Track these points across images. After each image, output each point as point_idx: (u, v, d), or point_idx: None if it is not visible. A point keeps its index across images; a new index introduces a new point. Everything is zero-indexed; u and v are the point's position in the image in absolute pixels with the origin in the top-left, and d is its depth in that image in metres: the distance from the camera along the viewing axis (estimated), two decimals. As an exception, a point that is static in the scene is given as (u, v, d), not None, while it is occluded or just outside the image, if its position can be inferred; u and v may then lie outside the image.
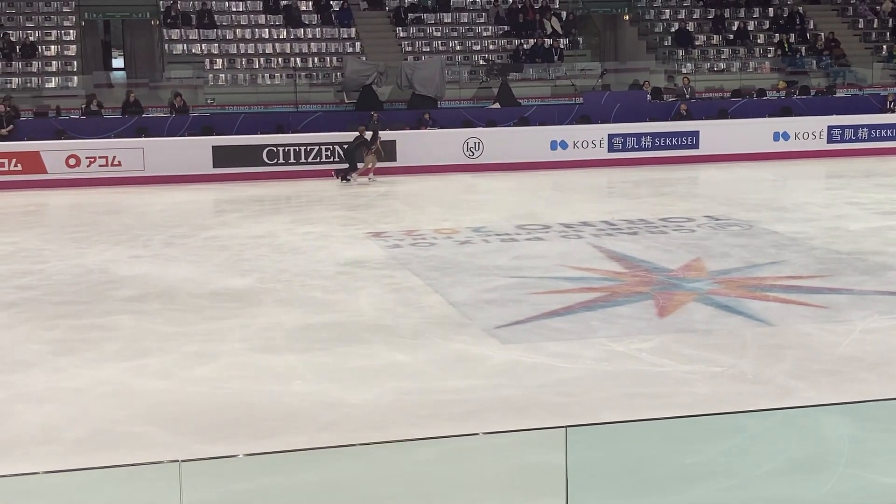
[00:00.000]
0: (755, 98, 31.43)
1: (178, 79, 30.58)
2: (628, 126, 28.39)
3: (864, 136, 29.31)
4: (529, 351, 12.29)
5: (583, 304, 14.24)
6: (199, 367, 11.90)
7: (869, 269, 15.95)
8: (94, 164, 25.38)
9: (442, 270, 16.23)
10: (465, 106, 30.54)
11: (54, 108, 28.41)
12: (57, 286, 15.58)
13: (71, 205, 23.40)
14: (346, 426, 10.12)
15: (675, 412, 9.91)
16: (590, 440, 7.37)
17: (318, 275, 16.08)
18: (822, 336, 12.71)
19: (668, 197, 23.07)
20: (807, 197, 23.00)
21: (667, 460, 7.59)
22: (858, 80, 33.87)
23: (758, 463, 7.65)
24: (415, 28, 33.19)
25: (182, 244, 18.52)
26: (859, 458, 7.82)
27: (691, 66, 33.51)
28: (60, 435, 10.05)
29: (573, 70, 32.83)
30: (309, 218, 20.64)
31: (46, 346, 12.69)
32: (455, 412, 10.48)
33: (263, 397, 10.94)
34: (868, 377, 11.35)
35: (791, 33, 34.96)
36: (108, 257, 17.47)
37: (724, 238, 18.43)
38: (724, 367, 11.68)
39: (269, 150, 26.18)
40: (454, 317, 13.72)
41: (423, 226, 19.89)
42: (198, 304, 14.51)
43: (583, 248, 17.80)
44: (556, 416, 10.09)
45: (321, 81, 31.12)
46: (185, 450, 9.39)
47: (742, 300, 14.29)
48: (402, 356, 12.21)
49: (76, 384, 11.42)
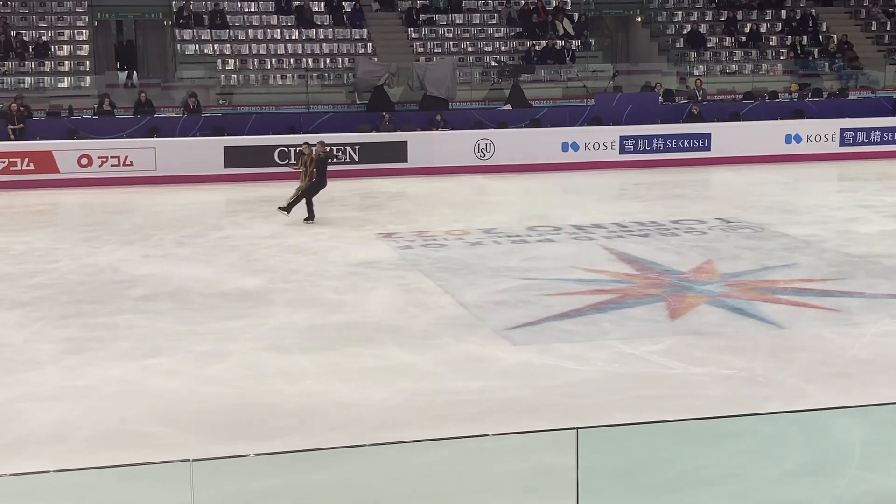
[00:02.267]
0: (767, 100, 31.36)
1: (190, 79, 30.63)
2: (640, 128, 28.36)
3: (877, 138, 29.22)
4: (540, 352, 12.28)
5: (594, 305, 14.22)
6: (210, 367, 11.92)
7: (881, 272, 15.90)
8: (106, 163, 25.43)
9: (453, 271, 16.23)
10: (476, 107, 30.53)
11: (66, 107, 28.48)
12: (69, 285, 15.61)
13: (83, 204, 23.45)
14: (357, 426, 10.12)
15: (686, 414, 9.89)
16: (601, 442, 7.37)
17: (328, 275, 16.09)
18: (833, 339, 12.68)
19: (680, 199, 23.04)
20: (819, 200, 22.94)
21: (678, 463, 7.57)
22: (871, 82, 33.76)
23: (769, 466, 7.64)
24: (427, 29, 33.19)
25: (193, 244, 18.55)
26: (871, 462, 7.80)
27: (703, 68, 33.44)
28: (72, 434, 10.07)
29: (585, 72, 32.80)
30: (320, 218, 20.64)
31: (58, 346, 12.72)
32: (466, 413, 10.48)
33: (274, 397, 10.95)
34: (880, 380, 11.32)
35: (804, 35, 34.88)
36: (119, 257, 17.50)
37: (736, 240, 18.39)
38: (735, 369, 11.65)
39: (281, 151, 26.20)
40: (465, 318, 13.72)
41: (434, 227, 19.88)
42: (209, 304, 14.53)
43: (594, 249, 17.77)
44: (567, 418, 10.08)
45: (333, 82, 31.15)
46: (196, 449, 9.39)
47: (754, 303, 14.26)
48: (412, 357, 12.21)
49: (87, 383, 11.45)
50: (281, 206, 20.48)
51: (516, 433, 8.47)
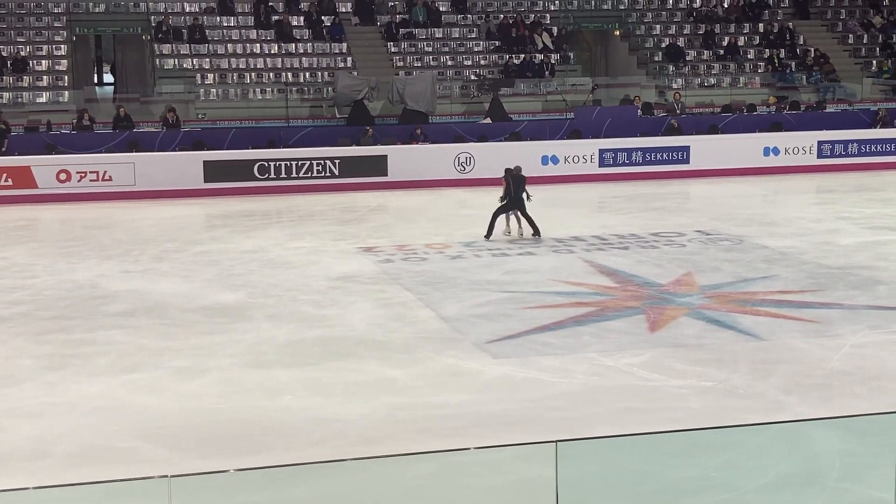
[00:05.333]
0: (745, 113, 31.51)
1: (169, 94, 30.56)
2: (619, 141, 28.47)
3: (854, 151, 29.41)
4: (521, 366, 12.29)
5: (574, 318, 14.25)
6: (189, 382, 11.88)
7: (859, 284, 15.99)
8: (85, 178, 25.35)
9: (433, 285, 16.23)
10: (456, 121, 30.57)
11: (45, 122, 28.36)
12: (48, 301, 15.54)
13: (62, 219, 23.36)
14: (338, 441, 10.11)
15: (666, 427, 9.91)
16: (581, 455, 7.38)
17: (309, 289, 16.07)
18: (812, 351, 12.74)
19: (659, 212, 23.11)
20: (797, 212, 23.05)
21: (658, 475, 7.59)
22: (848, 95, 33.98)
23: (750, 477, 7.66)
24: (406, 43, 33.23)
25: (173, 259, 18.49)
26: (851, 473, 7.83)
27: (682, 82, 33.58)
28: (51, 450, 10.02)
29: (564, 85, 32.88)
30: (300, 233, 20.63)
31: (37, 362, 12.66)
32: (447, 427, 10.47)
33: (254, 412, 10.92)
34: (859, 392, 11.38)
35: (781, 49, 35.09)
36: (98, 272, 17.44)
37: (715, 253, 18.46)
38: (715, 381, 11.69)
39: (261, 165, 26.18)
40: (446, 331, 13.72)
41: (415, 240, 19.89)
42: (188, 319, 14.49)
43: (574, 262, 17.81)
44: (548, 431, 10.08)
45: (312, 96, 31.13)
46: (176, 465, 9.37)
47: (733, 315, 14.31)
48: (393, 371, 12.20)
49: (67, 399, 11.40)
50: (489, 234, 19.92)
51: (497, 446, 8.47)
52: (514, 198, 19.70)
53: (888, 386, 11.54)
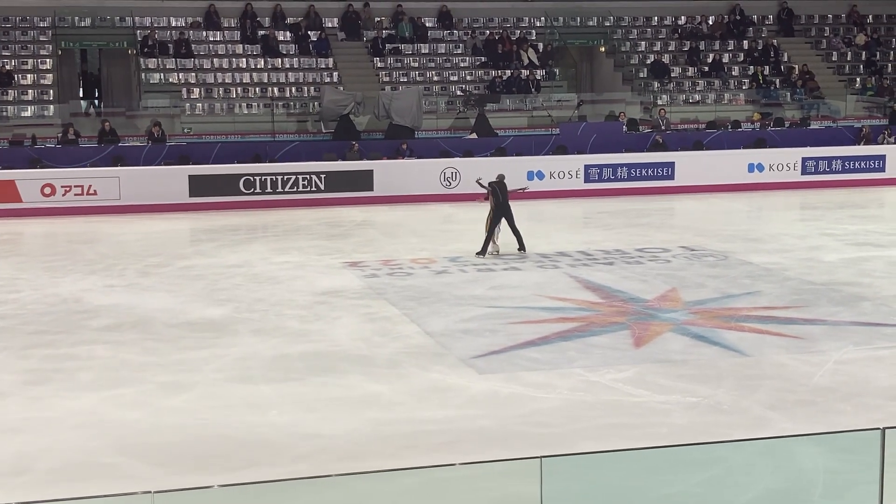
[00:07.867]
0: (730, 130, 31.64)
1: (154, 108, 30.53)
2: (604, 157, 28.54)
3: (838, 167, 29.55)
4: (506, 381, 12.28)
5: (559, 333, 14.26)
6: (173, 398, 11.84)
7: (843, 300, 16.04)
8: (70, 192, 25.29)
9: (419, 300, 16.23)
10: (442, 136, 30.62)
11: (30, 136, 28.30)
12: (31, 316, 15.48)
13: (46, 234, 23.28)
14: (322, 457, 10.08)
15: (651, 442, 9.91)
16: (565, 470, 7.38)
17: (294, 304, 16.05)
18: (797, 367, 12.77)
19: (644, 227, 23.16)
20: (781, 228, 23.13)
21: (644, 491, 7.59)
22: (832, 112, 34.15)
23: (735, 493, 7.67)
24: (392, 58, 33.29)
25: (158, 274, 18.44)
26: (835, 489, 7.84)
27: (667, 98, 33.71)
28: (34, 465, 9.97)
29: (550, 101, 32.98)
30: (286, 247, 20.61)
31: (20, 376, 12.60)
32: (432, 443, 10.46)
33: (239, 428, 10.89)
34: (843, 408, 11.40)
35: (765, 66, 35.26)
36: (82, 287, 17.38)
37: (700, 269, 18.50)
38: (700, 397, 11.70)
39: (246, 180, 26.16)
40: (431, 347, 13.71)
41: (400, 255, 19.89)
42: (173, 334, 14.44)
43: (559, 278, 17.83)
44: (533, 447, 10.07)
45: (298, 111, 31.14)
46: (159, 481, 9.32)
47: (717, 330, 14.34)
48: (378, 386, 12.18)
49: (50, 414, 11.34)
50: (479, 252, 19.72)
51: (482, 462, 8.46)
52: (502, 203, 19.70)
53: (872, 402, 11.57)
